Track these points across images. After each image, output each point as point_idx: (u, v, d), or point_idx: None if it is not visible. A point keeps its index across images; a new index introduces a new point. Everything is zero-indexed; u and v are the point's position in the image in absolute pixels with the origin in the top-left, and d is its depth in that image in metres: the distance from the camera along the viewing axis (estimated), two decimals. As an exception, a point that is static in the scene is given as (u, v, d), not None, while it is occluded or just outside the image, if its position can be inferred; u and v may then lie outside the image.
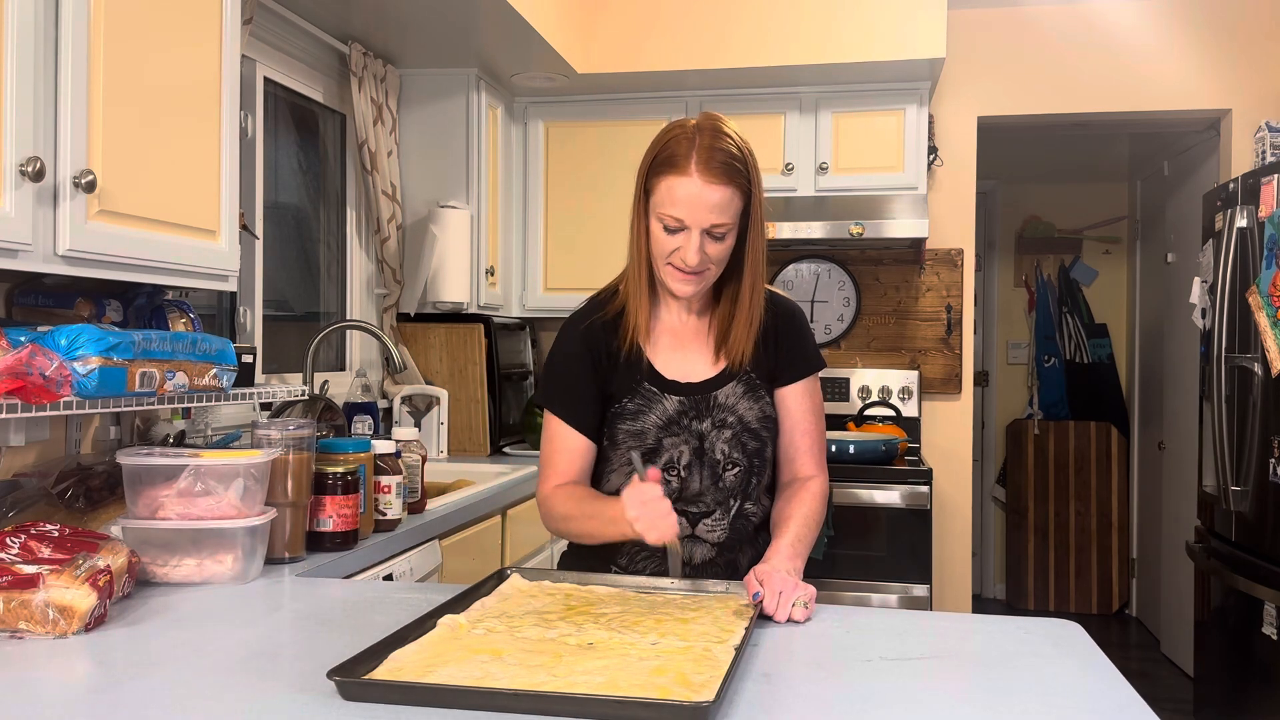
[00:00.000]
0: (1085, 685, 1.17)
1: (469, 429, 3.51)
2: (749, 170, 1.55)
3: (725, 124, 1.56)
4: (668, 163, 1.53)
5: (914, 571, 3.43)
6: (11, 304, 1.86)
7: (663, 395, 1.63)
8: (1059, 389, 5.59)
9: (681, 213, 1.52)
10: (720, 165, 1.51)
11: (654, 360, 1.65)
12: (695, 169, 1.50)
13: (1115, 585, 5.38)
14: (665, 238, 1.55)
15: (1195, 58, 3.85)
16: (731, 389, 1.65)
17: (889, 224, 3.56)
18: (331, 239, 3.37)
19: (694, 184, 1.50)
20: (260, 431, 1.79)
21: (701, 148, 1.51)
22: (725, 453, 1.63)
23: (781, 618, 1.40)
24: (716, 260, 1.56)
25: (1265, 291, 2.91)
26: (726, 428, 1.63)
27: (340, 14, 2.96)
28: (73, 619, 1.34)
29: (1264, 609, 2.95)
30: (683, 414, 1.62)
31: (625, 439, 1.63)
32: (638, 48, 3.57)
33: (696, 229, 1.52)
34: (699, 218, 1.51)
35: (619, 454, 1.66)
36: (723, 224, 1.53)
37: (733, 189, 1.52)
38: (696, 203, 1.51)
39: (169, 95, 1.80)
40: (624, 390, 1.64)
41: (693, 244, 1.52)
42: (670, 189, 1.52)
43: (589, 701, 1.03)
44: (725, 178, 1.51)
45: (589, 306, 1.70)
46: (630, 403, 1.63)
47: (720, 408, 1.64)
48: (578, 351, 1.65)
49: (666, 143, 1.55)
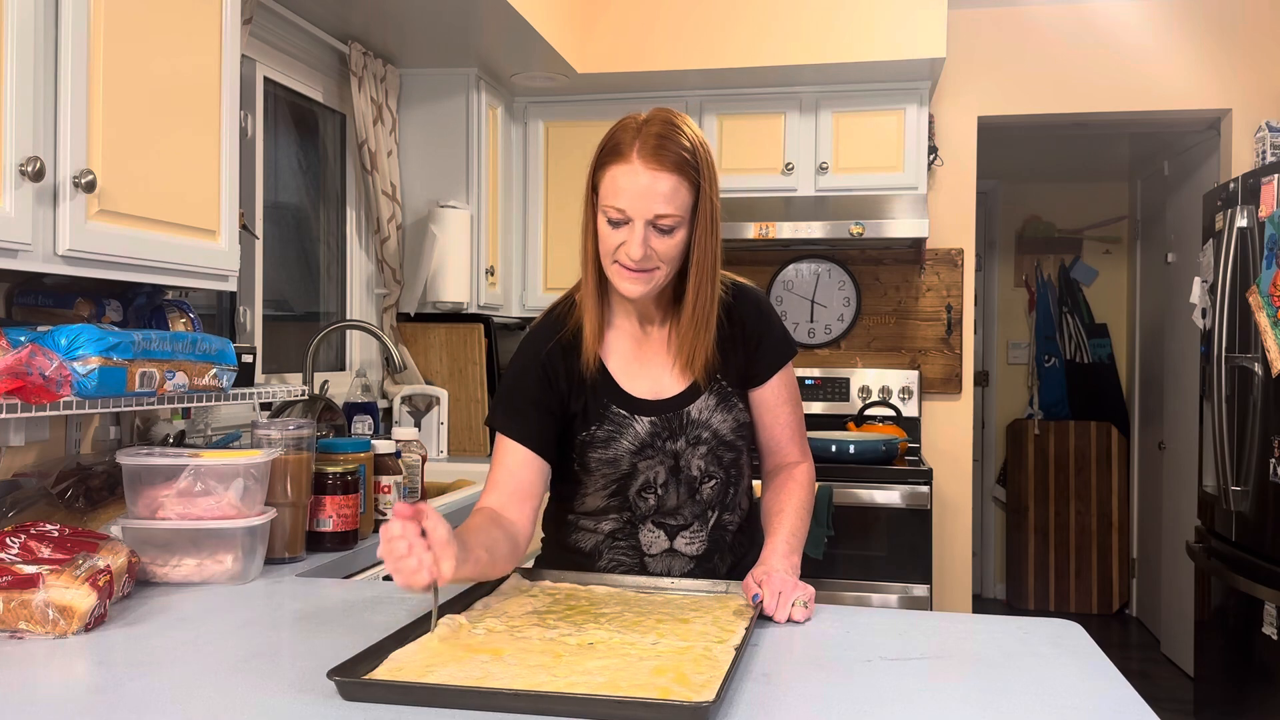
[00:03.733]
0: (1085, 685, 1.17)
1: (469, 429, 3.51)
2: (699, 164, 1.46)
3: (678, 118, 1.48)
4: (612, 153, 1.46)
5: (914, 571, 3.42)
6: (11, 304, 1.85)
7: (632, 418, 1.56)
8: (1059, 389, 5.59)
9: (624, 202, 1.43)
10: (664, 152, 1.43)
11: (618, 378, 1.58)
12: (637, 156, 1.43)
13: (1115, 585, 5.38)
14: (610, 233, 1.46)
15: (1195, 58, 3.85)
16: (703, 403, 1.58)
17: (889, 224, 3.56)
18: (331, 239, 3.37)
19: (636, 171, 1.43)
20: (260, 431, 1.79)
21: (646, 135, 1.44)
22: (701, 468, 1.58)
23: (781, 618, 1.40)
24: (665, 258, 1.47)
25: (1265, 291, 2.91)
26: (701, 444, 1.58)
27: (340, 14, 2.96)
28: (72, 619, 1.34)
29: (1264, 609, 2.95)
30: (655, 435, 1.56)
31: (598, 467, 1.57)
32: (638, 48, 3.57)
33: (640, 220, 1.44)
34: (641, 207, 1.43)
35: (593, 479, 1.59)
36: (668, 215, 1.44)
37: (678, 178, 1.44)
38: (639, 191, 1.43)
39: (169, 95, 1.80)
40: (592, 417, 1.56)
41: (636, 236, 1.44)
42: (614, 179, 1.45)
43: (589, 701, 1.03)
44: (669, 165, 1.43)
45: (546, 326, 1.60)
46: (600, 429, 1.56)
47: (694, 424, 1.57)
48: (530, 369, 1.56)
49: (613, 134, 1.48)
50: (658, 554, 1.60)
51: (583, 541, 1.64)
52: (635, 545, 1.60)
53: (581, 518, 1.64)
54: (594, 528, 1.63)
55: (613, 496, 1.60)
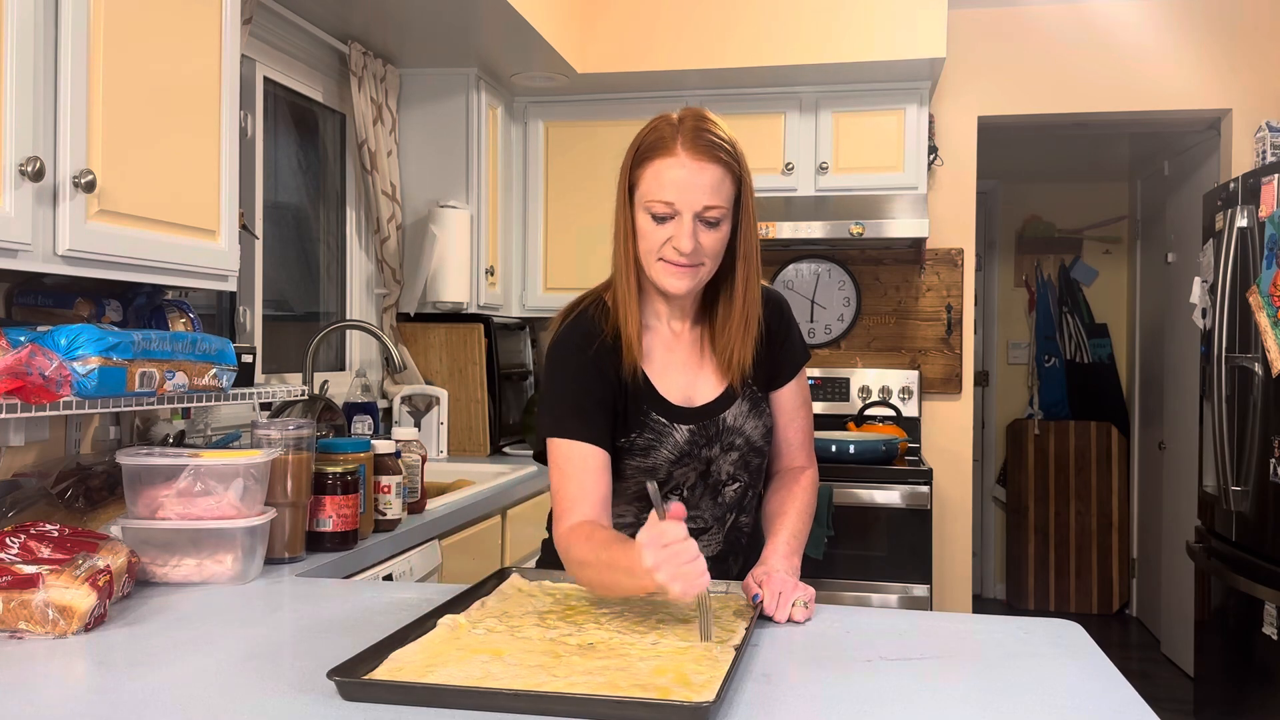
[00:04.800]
0: (1085, 685, 1.17)
1: (469, 429, 3.51)
2: (738, 157, 1.47)
3: (710, 115, 1.49)
4: (653, 148, 1.45)
5: (914, 571, 3.42)
6: (11, 304, 1.85)
7: (672, 426, 1.53)
8: (1059, 389, 5.59)
9: (672, 195, 1.43)
10: (708, 144, 1.43)
11: (655, 382, 1.55)
12: (682, 149, 1.43)
13: (1115, 585, 5.38)
14: (655, 229, 1.45)
15: (1195, 58, 3.85)
16: (738, 409, 1.57)
17: (889, 224, 3.56)
18: (331, 239, 3.37)
19: (682, 163, 1.43)
20: (260, 431, 1.79)
21: (687, 130, 1.44)
22: (730, 473, 1.58)
23: (781, 618, 1.40)
24: (710, 253, 1.47)
25: (1265, 291, 2.91)
26: (734, 450, 1.58)
27: (340, 13, 2.96)
28: (72, 619, 1.34)
29: (1264, 609, 2.94)
30: (694, 444, 1.55)
31: (634, 474, 1.54)
32: (638, 48, 3.57)
33: (688, 212, 1.43)
34: (690, 199, 1.43)
35: (624, 486, 1.55)
36: (716, 207, 1.44)
37: (723, 169, 1.44)
38: (687, 183, 1.42)
39: (169, 95, 1.80)
40: (633, 423, 1.53)
41: (685, 229, 1.43)
42: (657, 173, 1.44)
43: (589, 701, 1.03)
44: (714, 157, 1.43)
45: (581, 328, 1.55)
46: (640, 438, 1.53)
47: (729, 430, 1.57)
48: (587, 369, 1.51)
49: (650, 132, 1.47)
50: None
51: None
52: None
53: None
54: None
55: (637, 500, 1.59)
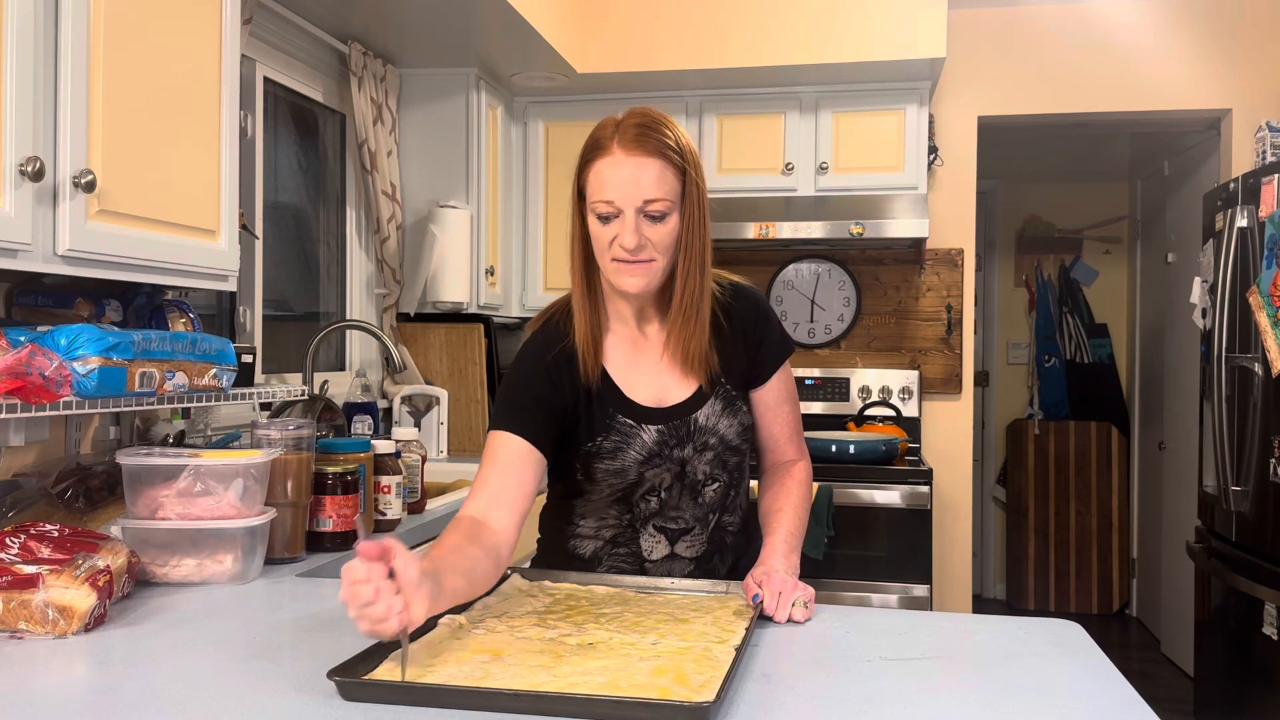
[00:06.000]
0: (1085, 685, 1.17)
1: (469, 429, 3.51)
2: (682, 150, 1.47)
3: (655, 112, 1.49)
4: (593, 149, 1.47)
5: (914, 571, 3.43)
6: (11, 304, 1.85)
7: (639, 427, 1.53)
8: (1059, 389, 5.59)
9: (612, 193, 1.43)
10: (645, 140, 1.44)
11: (622, 385, 1.55)
12: (618, 146, 1.44)
13: (1115, 585, 5.38)
14: (602, 230, 1.46)
15: (1195, 58, 3.85)
16: (710, 408, 1.56)
17: (889, 224, 3.56)
18: (331, 239, 3.37)
19: (619, 161, 1.43)
20: (260, 431, 1.79)
21: (625, 127, 1.45)
22: (707, 473, 1.58)
23: (781, 618, 1.39)
24: (660, 247, 1.46)
25: (1265, 291, 2.91)
26: (708, 450, 1.57)
27: (340, 13, 2.96)
28: (72, 619, 1.34)
29: (1264, 609, 2.94)
30: (663, 444, 1.54)
31: (605, 478, 1.54)
32: (638, 48, 3.57)
33: (629, 208, 1.43)
34: (629, 194, 1.43)
35: (598, 489, 1.56)
36: (657, 199, 1.43)
37: (663, 163, 1.44)
38: (625, 180, 1.43)
39: (169, 95, 1.80)
40: (598, 427, 1.53)
41: (628, 225, 1.43)
42: (598, 174, 1.45)
43: (589, 702, 1.03)
44: (651, 151, 1.43)
45: (546, 334, 1.56)
46: (606, 440, 1.53)
47: (701, 430, 1.55)
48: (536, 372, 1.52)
49: (592, 135, 1.49)
50: (658, 559, 1.59)
51: (582, 548, 1.63)
52: (636, 552, 1.60)
53: (581, 525, 1.63)
54: (594, 534, 1.62)
55: (616, 504, 1.59)
